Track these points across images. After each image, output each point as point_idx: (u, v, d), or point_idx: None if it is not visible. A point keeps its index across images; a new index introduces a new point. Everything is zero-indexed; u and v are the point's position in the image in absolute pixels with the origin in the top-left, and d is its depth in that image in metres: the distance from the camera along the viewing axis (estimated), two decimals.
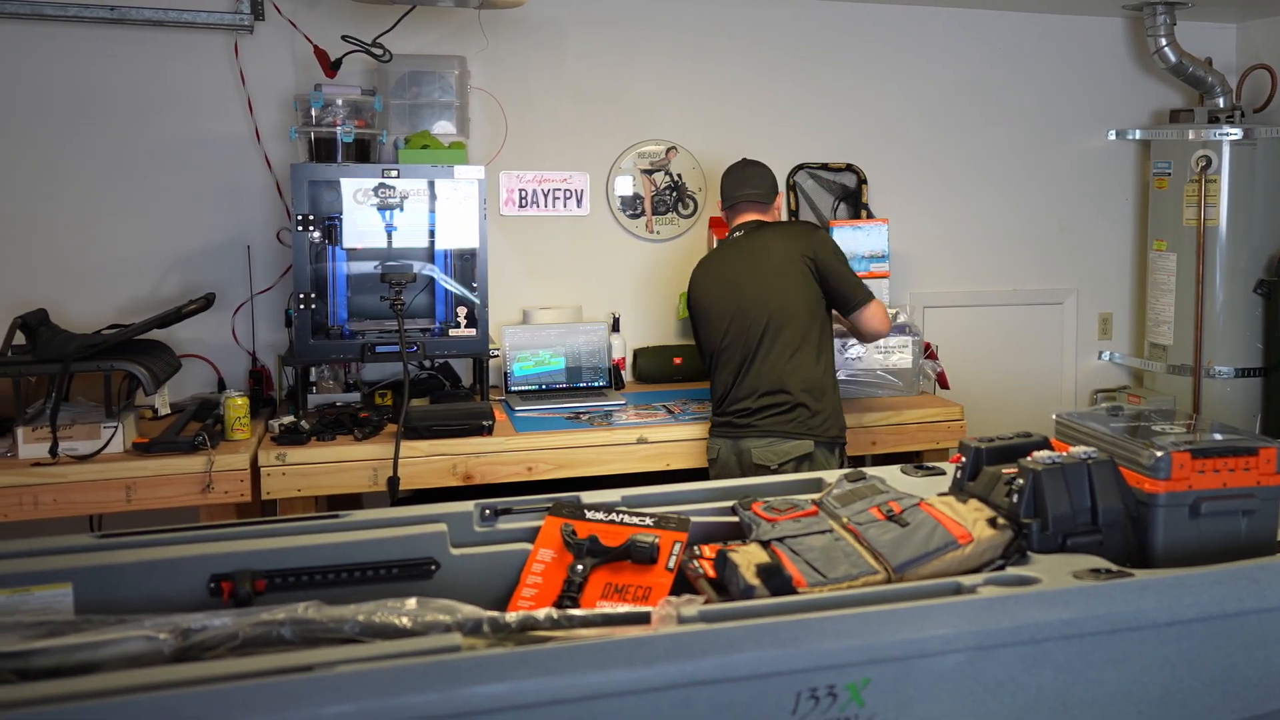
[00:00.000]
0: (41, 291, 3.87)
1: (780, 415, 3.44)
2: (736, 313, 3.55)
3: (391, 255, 3.84)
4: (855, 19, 4.76)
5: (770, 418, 3.45)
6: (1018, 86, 5.03)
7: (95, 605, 1.96)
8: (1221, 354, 4.84)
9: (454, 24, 4.26)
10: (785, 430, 3.44)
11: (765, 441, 3.45)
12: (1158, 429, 2.31)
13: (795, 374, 3.45)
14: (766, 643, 1.66)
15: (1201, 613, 1.85)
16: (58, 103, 3.95)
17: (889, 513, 2.18)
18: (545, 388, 4.19)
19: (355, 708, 1.48)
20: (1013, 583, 1.89)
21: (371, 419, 3.62)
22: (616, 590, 2.16)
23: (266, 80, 4.11)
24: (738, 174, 3.72)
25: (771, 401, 3.46)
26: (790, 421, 3.44)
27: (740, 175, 3.71)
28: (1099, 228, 5.23)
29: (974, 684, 1.75)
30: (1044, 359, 5.22)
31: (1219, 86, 4.86)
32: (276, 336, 4.18)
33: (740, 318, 3.54)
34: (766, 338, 3.48)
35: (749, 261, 3.57)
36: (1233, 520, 2.15)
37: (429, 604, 1.85)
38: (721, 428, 3.57)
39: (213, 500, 3.33)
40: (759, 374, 3.48)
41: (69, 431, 3.30)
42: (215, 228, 4.12)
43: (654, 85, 4.56)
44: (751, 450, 3.45)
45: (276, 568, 2.10)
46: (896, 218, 4.69)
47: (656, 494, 2.50)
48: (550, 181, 4.46)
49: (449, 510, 2.32)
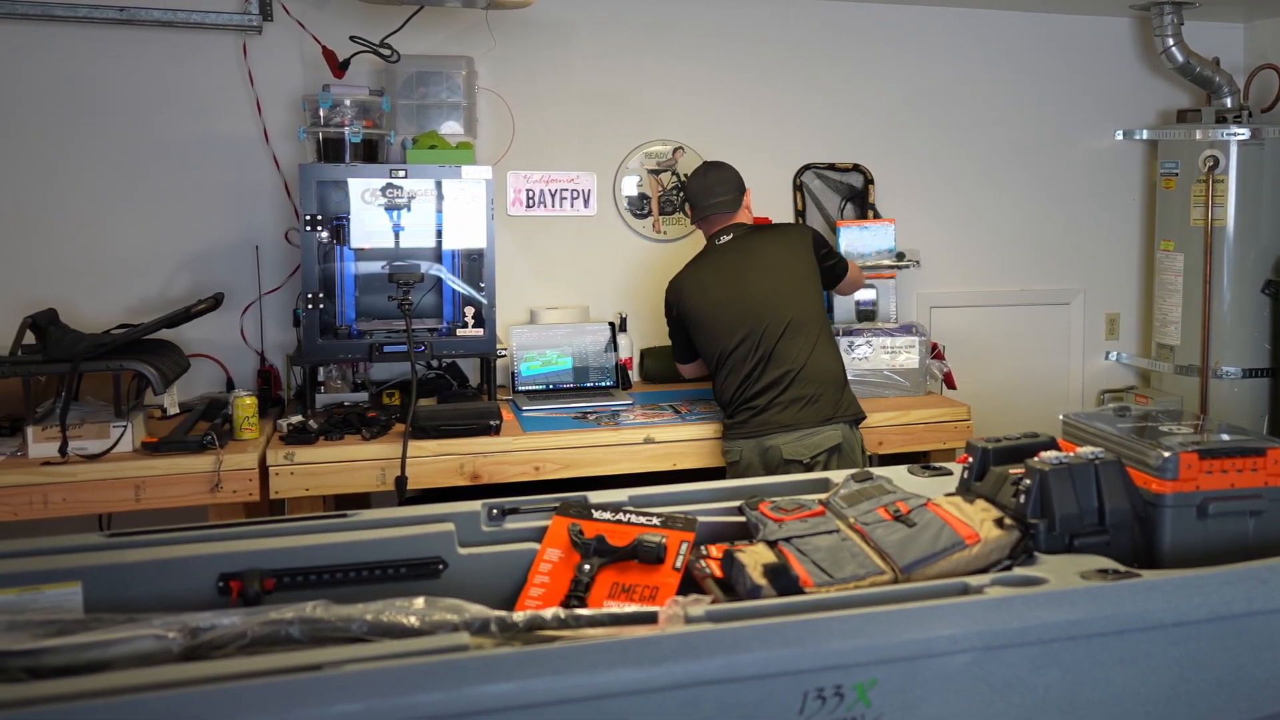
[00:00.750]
0: (51, 291, 3.88)
1: (809, 407, 3.52)
2: (748, 314, 3.59)
3: (399, 255, 3.84)
4: (862, 19, 4.76)
5: (800, 411, 3.51)
6: (1025, 86, 5.02)
7: (105, 604, 1.97)
8: (1229, 354, 4.83)
9: (462, 24, 4.27)
10: (815, 421, 3.50)
11: (794, 436, 3.48)
12: (1165, 429, 2.31)
13: (818, 366, 3.57)
14: (773, 643, 1.66)
15: (1209, 613, 1.85)
16: (67, 103, 3.96)
17: (896, 513, 2.18)
18: (552, 387, 4.20)
19: (363, 707, 1.48)
20: (1020, 583, 1.89)
21: (379, 419, 3.63)
22: (623, 590, 2.16)
23: (275, 81, 4.11)
24: (700, 182, 3.80)
25: (799, 394, 3.53)
26: (818, 413, 3.52)
27: (703, 184, 3.79)
28: (1106, 228, 5.22)
29: (981, 684, 1.75)
30: (1051, 359, 5.21)
31: (1226, 86, 4.85)
32: (285, 336, 4.18)
33: (753, 319, 3.59)
34: (787, 335, 3.57)
35: (755, 264, 3.62)
36: (1240, 521, 2.15)
37: (437, 603, 1.85)
38: (739, 428, 3.58)
39: (221, 499, 3.34)
40: (785, 371, 3.54)
41: (78, 431, 3.31)
42: (224, 228, 4.13)
43: (661, 86, 4.57)
44: (781, 447, 3.48)
45: (285, 567, 2.11)
46: (903, 218, 4.69)
47: (663, 494, 2.50)
48: (557, 182, 4.47)
49: (456, 510, 2.33)
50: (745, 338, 3.59)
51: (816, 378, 3.54)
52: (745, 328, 3.59)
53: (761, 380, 3.55)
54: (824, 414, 3.52)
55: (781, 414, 3.51)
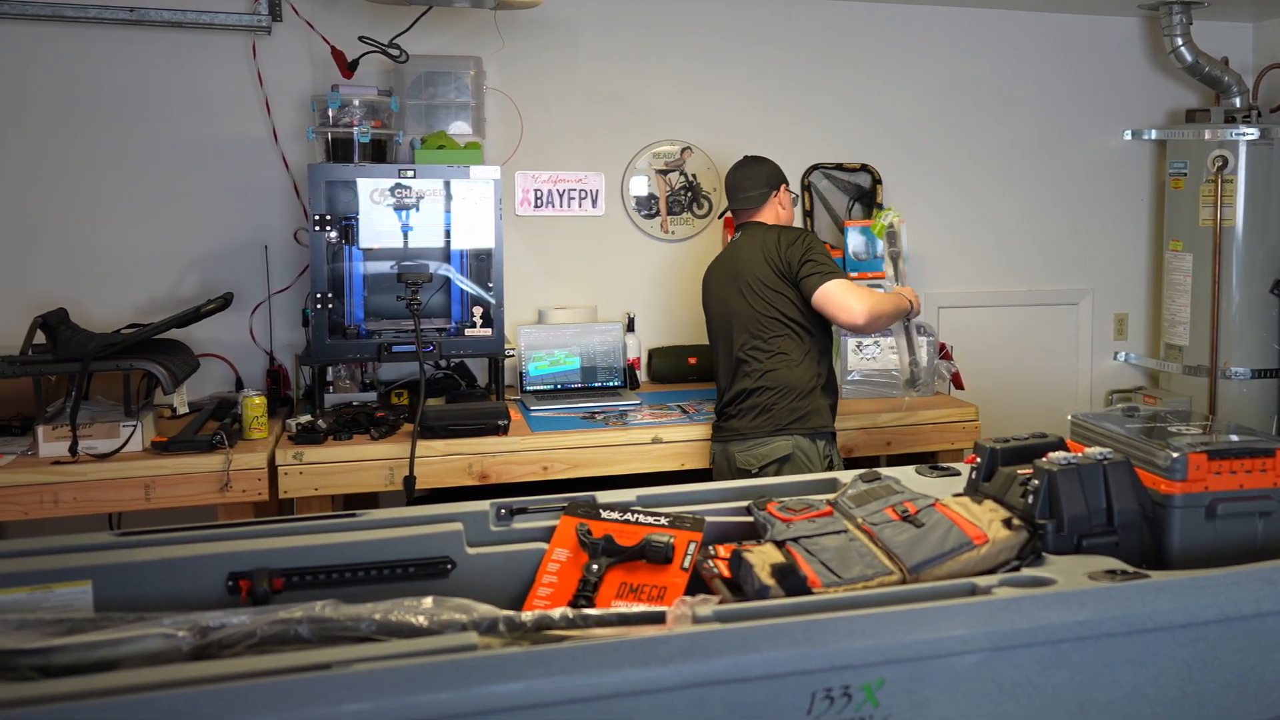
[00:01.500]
0: (61, 291, 3.90)
1: (761, 417, 3.44)
2: (722, 316, 3.61)
3: (408, 255, 3.85)
4: (869, 19, 4.76)
5: (754, 420, 3.45)
6: (1033, 86, 5.02)
7: (115, 603, 1.97)
8: (1237, 355, 4.82)
9: (470, 25, 4.28)
10: (765, 431, 3.42)
11: (747, 445, 3.45)
12: (1173, 430, 2.31)
13: (775, 375, 3.44)
14: (781, 643, 1.67)
15: (1218, 614, 1.84)
16: (77, 103, 3.97)
17: (904, 513, 2.18)
18: (560, 387, 4.20)
19: (372, 706, 1.49)
20: (1028, 584, 1.88)
21: (388, 418, 3.63)
22: (631, 590, 2.17)
23: (284, 81, 4.13)
24: (730, 180, 3.75)
25: (755, 403, 3.46)
26: (771, 422, 3.42)
27: (732, 181, 3.73)
28: (1114, 228, 5.21)
29: (989, 685, 1.75)
30: (1059, 359, 5.20)
31: (1235, 86, 4.84)
32: (294, 336, 4.20)
33: (724, 322, 3.59)
34: (745, 341, 3.50)
35: (733, 266, 3.60)
36: (1249, 522, 2.14)
37: (445, 603, 1.86)
38: (716, 432, 3.60)
39: (230, 499, 3.35)
40: (746, 377, 3.49)
41: (88, 430, 3.32)
42: (233, 228, 4.14)
43: (669, 85, 4.57)
44: (735, 455, 3.47)
45: (294, 566, 2.11)
46: (911, 218, 4.67)
47: (671, 494, 2.50)
48: (565, 182, 4.47)
49: (465, 509, 2.33)
50: (720, 340, 3.61)
51: (774, 387, 3.43)
52: (720, 330, 3.62)
53: (733, 386, 3.53)
54: (776, 424, 3.41)
55: (739, 421, 3.48)
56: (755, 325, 3.48)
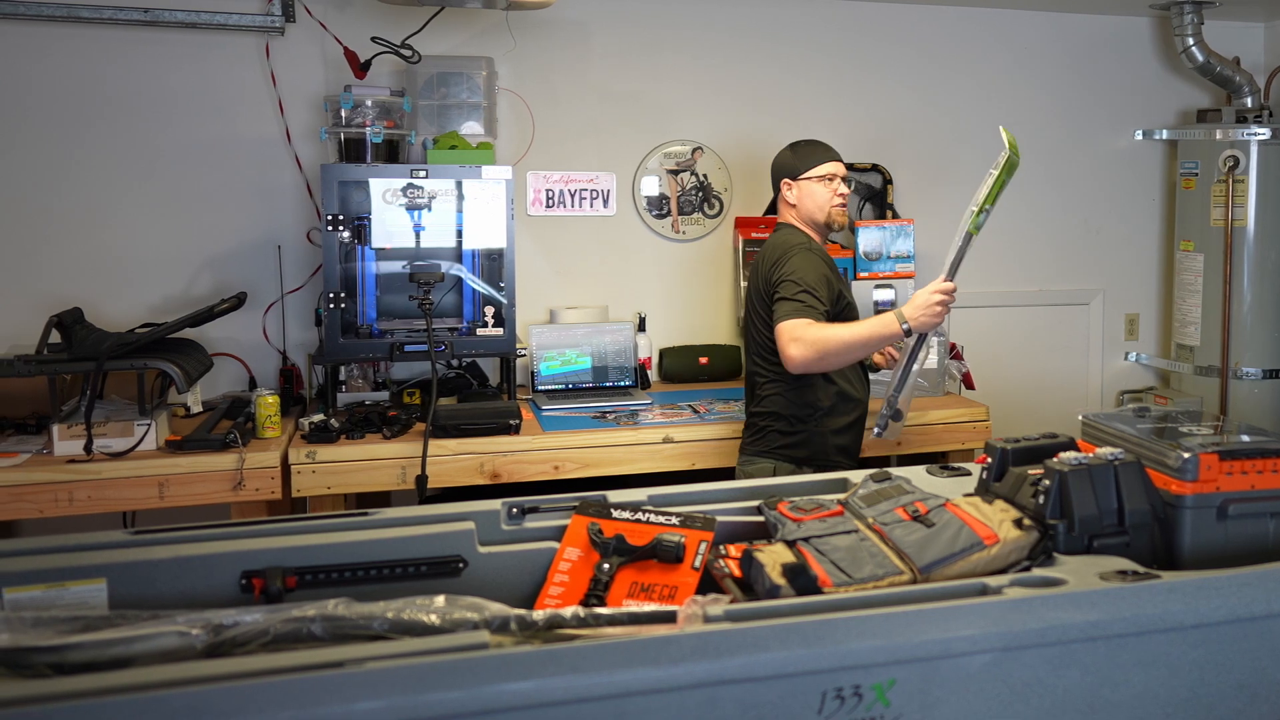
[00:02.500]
0: (76, 290, 3.92)
1: (753, 436, 3.39)
2: (743, 328, 3.59)
3: (420, 255, 3.86)
4: (880, 19, 4.76)
5: (748, 438, 3.42)
6: (1044, 86, 5.01)
7: (129, 601, 1.98)
8: (1249, 355, 4.81)
9: (481, 25, 4.29)
10: (752, 451, 3.38)
11: (741, 460, 3.43)
12: (1185, 430, 2.30)
13: (770, 400, 3.33)
14: (792, 642, 1.67)
15: (1229, 615, 1.84)
16: (91, 103, 3.99)
17: (914, 513, 2.18)
18: (572, 387, 4.21)
19: (384, 704, 1.49)
20: (1039, 584, 1.88)
21: (400, 417, 3.65)
22: (642, 589, 2.17)
23: (297, 81, 4.14)
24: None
25: (751, 423, 3.42)
26: (758, 443, 3.37)
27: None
28: (1125, 228, 5.20)
29: (1000, 685, 1.75)
30: (1070, 360, 5.19)
31: (1247, 86, 4.83)
32: (306, 335, 4.21)
33: (744, 334, 3.58)
34: (751, 361, 3.43)
35: (751, 276, 3.47)
36: (1261, 522, 2.13)
37: (457, 601, 1.86)
38: None
39: (244, 497, 3.36)
40: (749, 392, 3.45)
41: (103, 429, 3.34)
42: (246, 228, 4.16)
43: (679, 85, 4.57)
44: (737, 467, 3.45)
45: (307, 565, 2.12)
46: (922, 218, 4.68)
47: (682, 493, 2.50)
48: (577, 182, 4.48)
49: (477, 509, 2.33)
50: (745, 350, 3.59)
51: (769, 411, 3.33)
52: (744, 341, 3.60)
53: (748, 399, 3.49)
54: (765, 446, 3.34)
55: (744, 435, 3.45)
56: (755, 346, 3.38)
